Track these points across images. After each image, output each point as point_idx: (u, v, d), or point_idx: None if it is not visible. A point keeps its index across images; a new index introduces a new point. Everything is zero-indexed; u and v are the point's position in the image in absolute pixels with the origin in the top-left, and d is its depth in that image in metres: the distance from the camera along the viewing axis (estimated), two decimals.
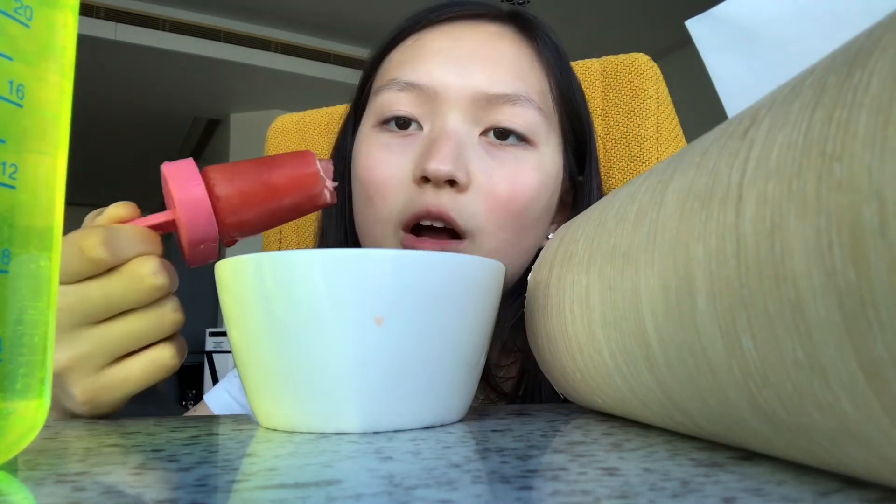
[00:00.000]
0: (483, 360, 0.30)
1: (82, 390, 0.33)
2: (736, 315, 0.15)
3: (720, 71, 0.37)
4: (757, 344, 0.15)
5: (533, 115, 0.47)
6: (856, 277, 0.12)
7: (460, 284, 0.27)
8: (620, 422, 0.28)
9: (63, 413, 0.35)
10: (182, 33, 3.53)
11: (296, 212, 0.40)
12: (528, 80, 0.48)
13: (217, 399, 0.61)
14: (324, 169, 0.40)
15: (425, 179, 0.44)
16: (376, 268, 0.25)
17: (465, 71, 0.47)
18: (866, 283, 0.12)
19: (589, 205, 0.51)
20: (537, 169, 0.47)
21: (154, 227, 0.37)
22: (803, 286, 0.13)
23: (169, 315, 0.34)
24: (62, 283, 0.32)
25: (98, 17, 3.31)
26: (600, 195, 0.53)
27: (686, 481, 0.16)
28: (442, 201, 0.44)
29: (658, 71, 0.66)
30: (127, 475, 0.18)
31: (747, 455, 0.19)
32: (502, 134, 0.46)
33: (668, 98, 0.66)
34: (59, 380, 0.33)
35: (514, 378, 0.50)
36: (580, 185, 0.53)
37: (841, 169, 0.12)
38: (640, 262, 0.21)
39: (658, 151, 0.63)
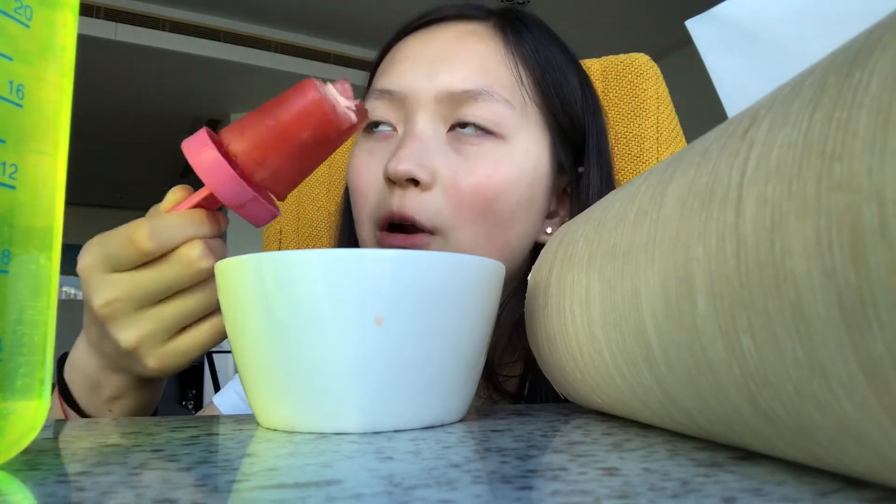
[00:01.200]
0: (483, 359, 0.30)
1: (153, 360, 0.38)
2: (736, 315, 0.15)
3: (720, 71, 0.37)
4: (757, 344, 0.15)
5: (498, 109, 0.47)
6: (856, 277, 0.12)
7: (460, 284, 0.27)
8: (620, 422, 0.28)
9: (134, 376, 0.40)
10: (182, 33, 3.53)
11: (325, 144, 0.40)
12: (495, 74, 0.48)
13: (226, 400, 0.61)
14: (340, 91, 0.40)
15: (391, 181, 0.45)
16: (376, 268, 0.25)
17: (432, 72, 0.48)
18: (866, 283, 0.12)
19: (589, 197, 0.51)
20: (505, 161, 0.47)
21: (200, 205, 0.37)
22: (803, 286, 0.13)
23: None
24: (117, 271, 0.36)
25: (98, 17, 3.31)
26: (609, 187, 0.53)
27: (686, 481, 0.16)
28: (405, 202, 0.45)
29: (658, 71, 0.66)
30: (127, 475, 0.18)
31: (747, 455, 0.19)
32: (467, 129, 0.47)
33: (668, 98, 0.66)
34: (131, 354, 0.38)
35: (518, 376, 0.50)
36: (582, 176, 0.53)
37: (841, 169, 0.12)
38: (640, 262, 0.21)
39: (658, 151, 0.63)
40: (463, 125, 0.47)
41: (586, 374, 0.27)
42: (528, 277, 0.34)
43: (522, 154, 0.48)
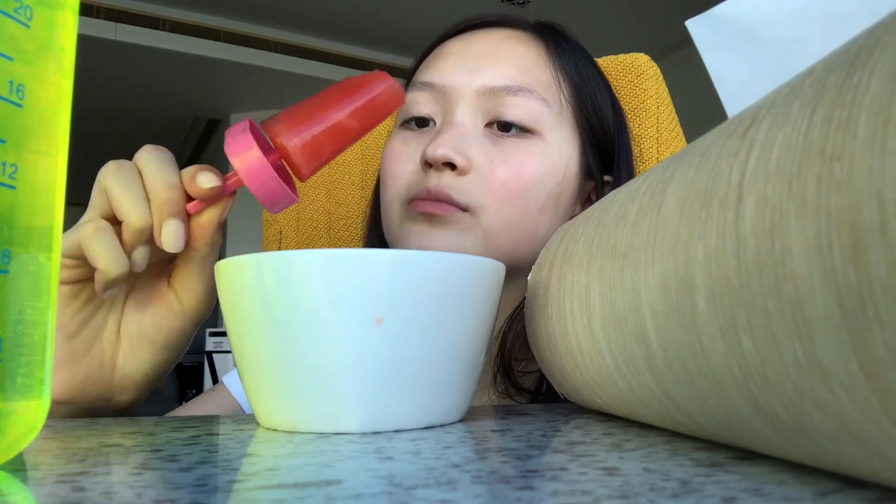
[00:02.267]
0: (483, 360, 0.30)
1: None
2: (736, 315, 0.15)
3: (720, 71, 0.37)
4: (757, 344, 0.15)
5: (535, 106, 0.49)
6: (856, 277, 0.12)
7: (460, 284, 0.27)
8: (620, 422, 0.28)
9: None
10: (182, 33, 3.53)
11: (370, 128, 0.41)
12: (534, 74, 0.50)
13: (237, 382, 0.60)
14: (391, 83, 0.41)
15: (428, 165, 0.47)
16: (376, 268, 0.25)
17: (475, 69, 0.50)
18: (866, 283, 0.12)
19: None
20: (539, 156, 0.49)
21: (228, 194, 0.37)
22: (803, 286, 0.13)
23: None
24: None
25: (98, 17, 3.31)
26: None
27: (686, 481, 0.16)
28: (442, 182, 0.47)
29: (658, 71, 0.66)
30: (127, 475, 0.18)
31: (747, 455, 0.19)
32: (505, 126, 0.49)
33: (668, 98, 0.66)
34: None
35: (536, 372, 0.50)
36: (607, 185, 0.54)
37: (841, 169, 0.12)
38: (640, 262, 0.21)
39: (658, 151, 0.63)
40: (503, 121, 0.49)
41: (586, 374, 0.27)
42: (528, 277, 0.34)
43: (556, 152, 0.50)
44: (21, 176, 0.19)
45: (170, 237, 0.35)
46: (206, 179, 0.36)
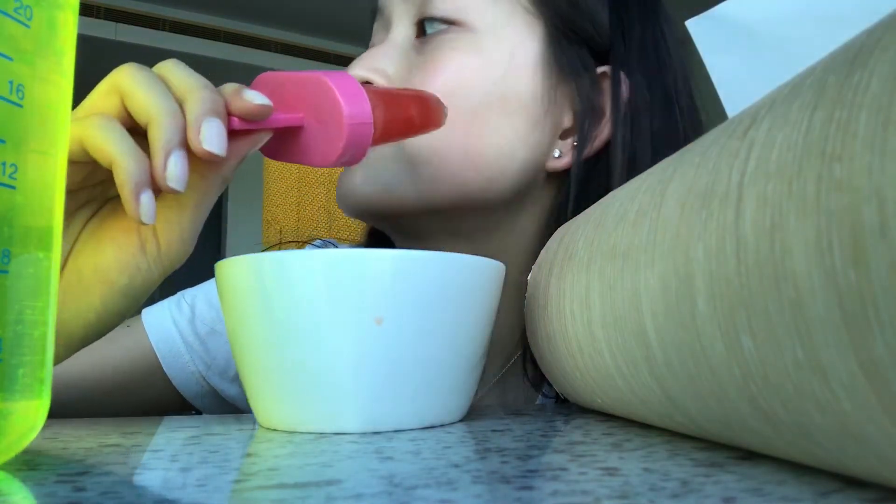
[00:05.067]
0: (483, 360, 0.30)
1: None
2: (736, 315, 0.15)
3: (720, 71, 0.37)
4: (757, 344, 0.15)
5: None
6: (856, 277, 0.12)
7: (460, 284, 0.27)
8: (620, 422, 0.28)
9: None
10: (182, 33, 3.53)
11: (413, 133, 0.39)
12: None
13: (158, 317, 0.50)
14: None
15: None
16: (376, 268, 0.25)
17: None
18: (866, 283, 0.12)
19: (636, 110, 0.42)
20: (466, 51, 0.42)
21: (272, 127, 0.33)
22: (803, 286, 0.13)
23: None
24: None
25: (98, 17, 3.31)
26: (669, 107, 0.44)
27: (686, 481, 0.16)
28: None
29: None
30: (127, 475, 0.18)
31: (747, 455, 0.19)
32: (431, 25, 0.43)
33: None
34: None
35: None
36: (603, 77, 0.45)
37: (841, 169, 0.12)
38: (640, 263, 0.21)
39: None
40: (425, 19, 0.43)
41: (586, 374, 0.27)
42: (528, 277, 0.34)
43: (491, 43, 0.42)
44: (21, 176, 0.19)
45: (212, 135, 0.28)
46: (255, 95, 0.30)
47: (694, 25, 0.37)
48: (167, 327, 0.49)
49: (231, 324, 0.28)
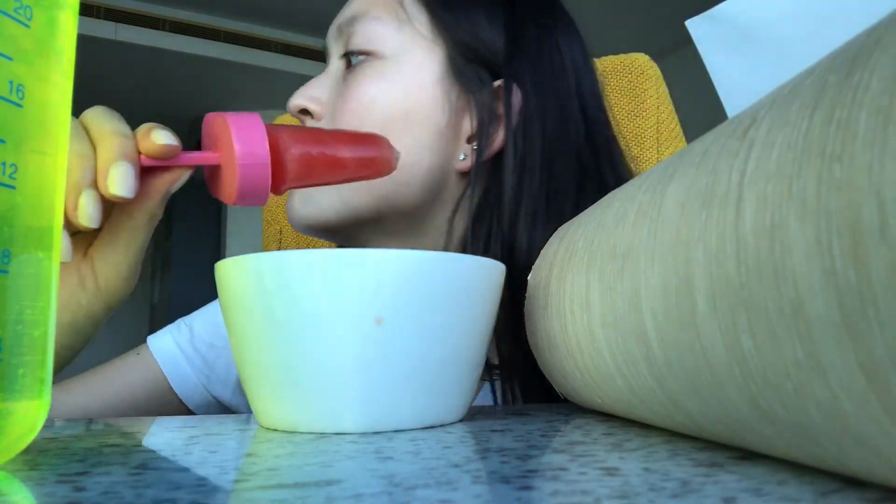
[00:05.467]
0: (483, 359, 0.30)
1: None
2: (736, 315, 0.15)
3: (720, 71, 0.37)
4: (757, 344, 0.15)
5: (369, 27, 0.49)
6: (856, 277, 0.12)
7: (460, 284, 0.27)
8: (620, 422, 0.28)
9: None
10: (182, 33, 3.52)
11: (350, 181, 0.42)
12: (376, 1, 0.51)
13: (163, 343, 0.56)
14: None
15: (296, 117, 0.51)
16: (376, 268, 0.25)
17: (337, 18, 0.52)
18: (866, 283, 0.12)
19: (524, 117, 0.48)
20: (378, 77, 0.48)
21: (187, 165, 0.35)
22: (803, 286, 0.13)
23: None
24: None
25: (98, 17, 3.31)
26: (559, 112, 0.50)
27: (686, 481, 0.16)
28: None
29: (658, 71, 0.66)
30: (127, 475, 0.18)
31: (747, 455, 0.19)
32: (354, 57, 0.50)
33: (668, 98, 0.66)
34: None
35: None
36: (500, 90, 0.49)
37: (841, 169, 0.12)
38: (640, 263, 0.21)
39: (658, 151, 0.63)
40: (348, 54, 0.50)
41: (586, 374, 0.27)
42: (528, 277, 0.34)
43: (395, 67, 0.49)
44: (21, 176, 0.19)
45: (118, 179, 0.31)
46: (162, 135, 0.33)
47: (694, 25, 0.37)
48: (170, 347, 0.56)
49: (231, 324, 0.28)
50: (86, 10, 3.23)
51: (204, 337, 0.56)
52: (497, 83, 0.50)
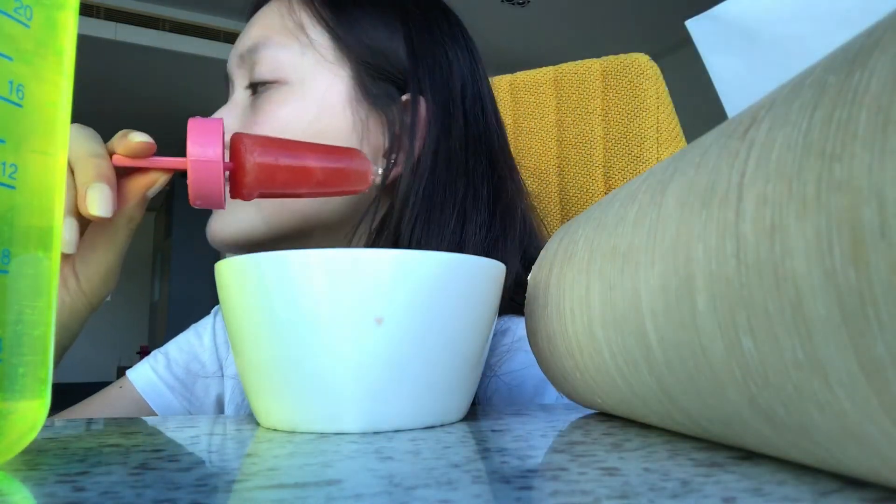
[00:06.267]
0: (483, 359, 0.30)
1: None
2: (736, 315, 0.15)
3: (720, 71, 0.37)
4: (757, 344, 0.15)
5: (272, 54, 0.50)
6: (856, 277, 0.12)
7: (460, 284, 0.27)
8: (620, 422, 0.28)
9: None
10: (182, 33, 3.53)
11: (329, 194, 0.42)
12: (272, 24, 0.51)
13: (142, 375, 0.59)
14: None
15: None
16: (376, 268, 0.25)
17: (235, 46, 0.53)
18: (866, 283, 0.12)
19: (424, 128, 0.50)
20: (286, 102, 0.49)
21: (162, 169, 0.37)
22: (803, 286, 0.13)
23: None
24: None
25: (98, 17, 3.31)
26: (452, 119, 0.52)
27: (686, 481, 0.16)
28: None
29: (658, 71, 0.66)
30: (127, 475, 0.18)
31: (747, 455, 0.19)
32: (256, 86, 0.51)
33: (668, 98, 0.66)
34: None
35: None
36: (408, 105, 0.52)
37: (841, 169, 0.12)
38: (640, 262, 0.21)
39: (658, 151, 0.63)
40: (252, 83, 0.51)
41: (586, 374, 0.27)
42: (528, 277, 0.34)
43: (304, 91, 0.50)
44: (21, 176, 0.19)
45: (95, 199, 0.33)
46: (138, 135, 0.36)
47: (694, 25, 0.37)
48: (148, 375, 0.58)
49: (231, 324, 0.28)
50: (86, 10, 3.23)
51: (179, 361, 0.59)
52: (405, 97, 0.52)
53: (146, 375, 0.58)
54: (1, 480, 0.18)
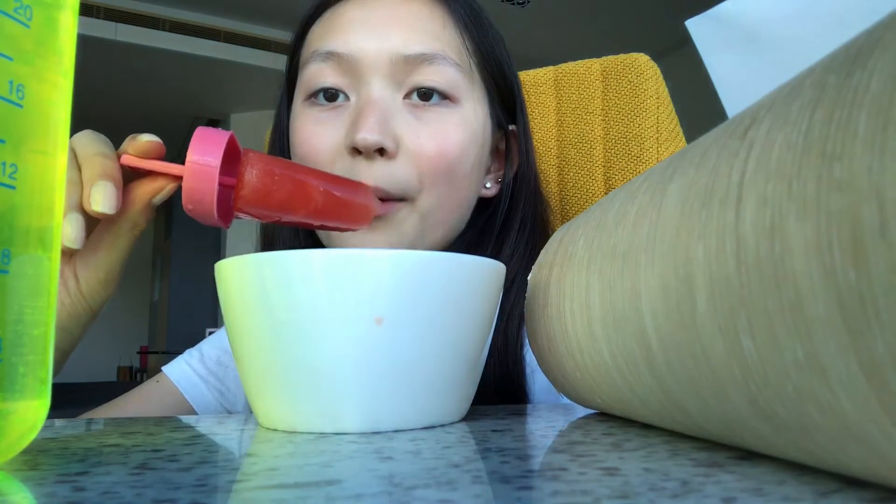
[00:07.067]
0: (483, 359, 0.30)
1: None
2: (736, 315, 0.15)
3: (720, 71, 0.37)
4: (757, 344, 0.15)
5: (452, 72, 0.49)
6: (856, 277, 0.12)
7: (460, 284, 0.27)
8: (620, 422, 0.28)
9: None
10: (182, 33, 3.53)
11: (325, 225, 0.41)
12: (443, 38, 0.49)
13: (179, 370, 0.60)
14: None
15: (356, 150, 0.46)
16: (376, 268, 0.25)
17: (381, 36, 0.48)
18: (866, 283, 0.12)
19: (523, 151, 0.55)
20: (461, 125, 0.49)
21: (168, 177, 0.37)
22: (803, 286, 0.13)
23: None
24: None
25: (98, 17, 3.31)
26: (529, 143, 0.57)
27: (686, 481, 0.16)
28: (375, 174, 0.45)
29: (658, 71, 0.66)
30: (127, 475, 0.18)
31: (747, 455, 0.19)
32: (425, 95, 0.48)
33: (668, 98, 0.66)
34: None
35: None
36: (513, 134, 0.56)
37: (841, 169, 0.12)
38: (640, 263, 0.21)
39: (658, 151, 0.63)
40: (422, 90, 0.48)
41: (586, 374, 0.27)
42: (528, 277, 0.34)
43: (473, 116, 0.50)
44: (21, 176, 0.19)
45: (99, 197, 0.33)
46: (147, 136, 0.36)
47: (694, 25, 0.37)
48: (184, 369, 0.59)
49: (231, 324, 0.28)
50: (86, 10, 3.23)
51: (212, 356, 0.60)
52: (512, 127, 0.55)
53: (181, 369, 0.59)
54: (1, 480, 0.18)
